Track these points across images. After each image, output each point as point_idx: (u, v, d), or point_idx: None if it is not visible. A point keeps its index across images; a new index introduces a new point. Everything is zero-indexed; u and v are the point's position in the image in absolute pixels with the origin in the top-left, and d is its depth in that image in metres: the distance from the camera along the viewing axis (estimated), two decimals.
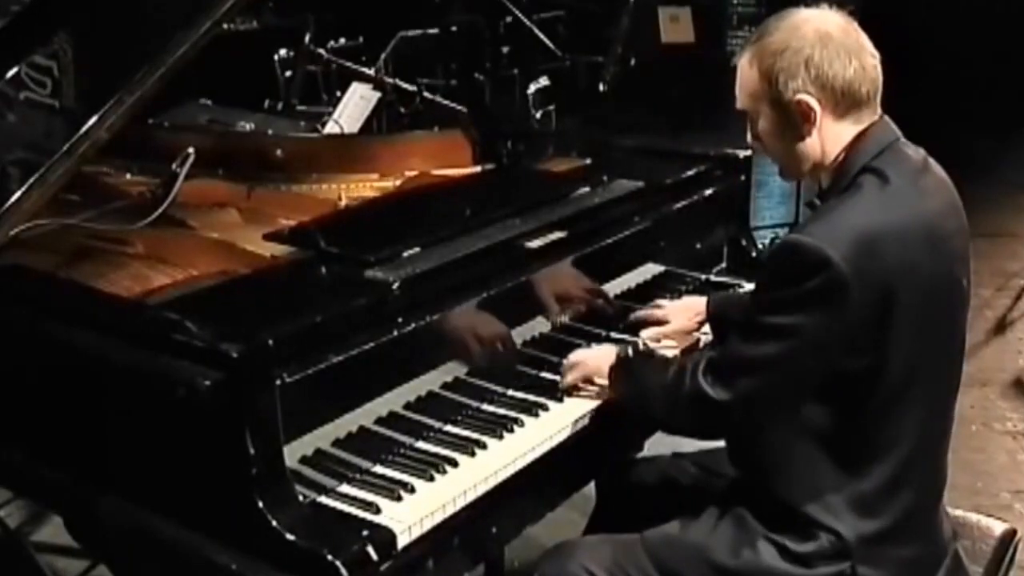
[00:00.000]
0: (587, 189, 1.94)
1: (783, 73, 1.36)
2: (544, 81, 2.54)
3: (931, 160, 1.45)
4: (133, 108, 1.56)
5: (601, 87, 3.23)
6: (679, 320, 1.82)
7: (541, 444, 1.52)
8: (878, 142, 1.39)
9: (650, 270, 2.01)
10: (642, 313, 1.85)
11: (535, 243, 1.71)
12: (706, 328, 1.83)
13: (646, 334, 1.80)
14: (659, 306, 1.86)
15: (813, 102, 1.37)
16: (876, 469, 1.38)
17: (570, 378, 1.62)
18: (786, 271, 1.33)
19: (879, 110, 1.42)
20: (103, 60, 1.70)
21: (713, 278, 2.15)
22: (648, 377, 1.50)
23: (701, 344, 1.82)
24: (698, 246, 2.12)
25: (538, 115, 2.50)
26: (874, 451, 1.38)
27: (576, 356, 1.65)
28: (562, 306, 1.78)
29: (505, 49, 3.36)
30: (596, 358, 1.62)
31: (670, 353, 1.70)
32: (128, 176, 2.07)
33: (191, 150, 1.82)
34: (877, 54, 1.39)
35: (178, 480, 1.35)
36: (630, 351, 1.60)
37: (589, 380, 1.62)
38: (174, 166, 1.81)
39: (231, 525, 1.30)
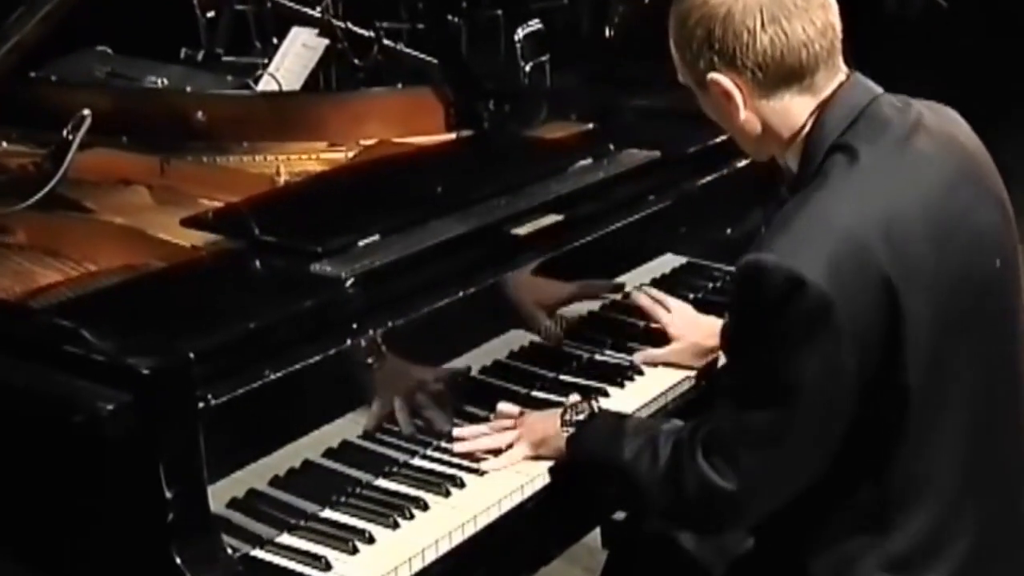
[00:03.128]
0: (589, 161, 1.94)
1: (688, 52, 1.38)
2: (536, 25, 2.54)
3: (931, 113, 1.41)
4: (9, 57, 1.55)
5: (607, 32, 3.23)
6: (684, 337, 1.75)
7: (533, 480, 1.53)
8: (847, 108, 1.36)
9: (668, 263, 2.01)
10: (644, 301, 1.79)
11: (523, 229, 1.71)
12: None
13: (641, 358, 1.77)
14: (667, 308, 1.81)
15: (726, 82, 1.36)
16: (910, 521, 1.37)
17: (518, 452, 1.54)
18: (753, 302, 1.30)
19: (842, 70, 1.38)
20: None
21: None
22: (623, 452, 1.43)
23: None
24: (728, 232, 2.12)
25: (528, 68, 2.51)
26: (901, 501, 1.36)
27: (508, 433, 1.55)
28: (558, 309, 1.79)
29: None
30: (540, 427, 1.53)
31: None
32: (5, 145, 2.06)
33: (87, 112, 1.82)
34: (831, 5, 1.35)
35: (73, 532, 1.35)
36: (586, 411, 1.53)
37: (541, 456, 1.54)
38: (65, 132, 1.81)
39: None
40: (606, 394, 1.72)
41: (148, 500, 1.28)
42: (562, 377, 1.76)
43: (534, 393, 1.71)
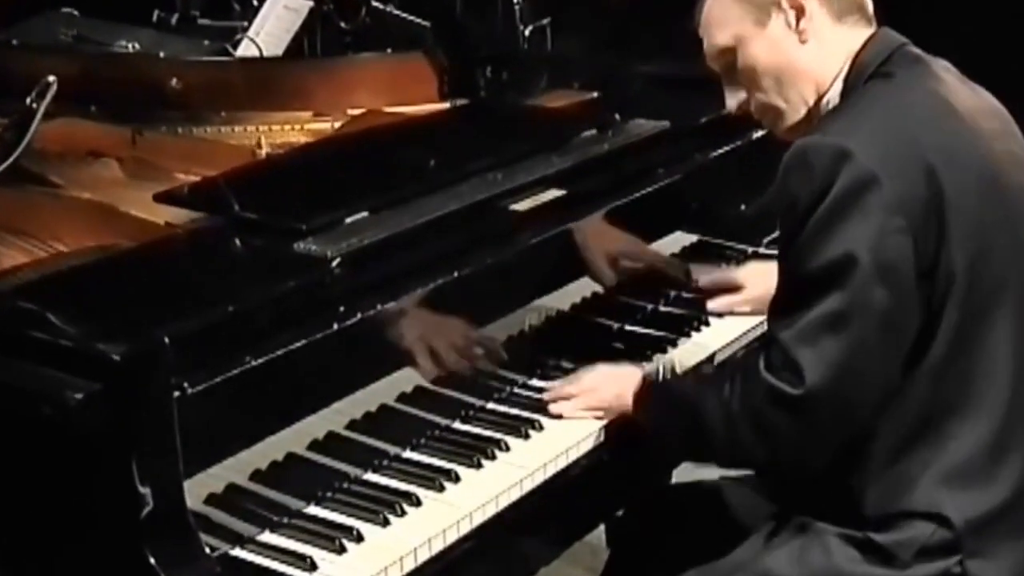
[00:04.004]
0: (594, 132, 1.95)
1: None
2: None
3: (960, 76, 1.55)
4: None
5: None
6: (757, 287, 1.84)
7: (532, 475, 1.53)
8: (884, 46, 1.51)
9: (679, 241, 2.02)
10: (707, 279, 1.91)
11: (523, 205, 1.71)
12: None
13: (715, 305, 1.87)
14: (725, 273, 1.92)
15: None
16: (965, 430, 1.43)
17: (575, 406, 1.63)
18: (800, 185, 1.40)
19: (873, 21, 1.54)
20: None
21: (763, 251, 2.16)
22: (693, 397, 1.52)
23: None
24: (743, 208, 2.13)
25: (527, 32, 2.50)
26: (955, 407, 1.43)
27: (587, 378, 1.65)
28: (562, 290, 1.79)
29: None
30: (616, 380, 1.63)
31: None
32: None
33: (52, 79, 1.81)
34: None
35: (41, 530, 1.35)
36: (661, 370, 1.64)
37: (602, 411, 1.62)
38: (28, 101, 1.80)
39: None
40: (674, 344, 1.81)
41: (120, 496, 1.28)
42: (563, 363, 1.76)
43: (533, 381, 1.72)
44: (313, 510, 1.46)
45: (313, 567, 1.36)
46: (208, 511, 1.37)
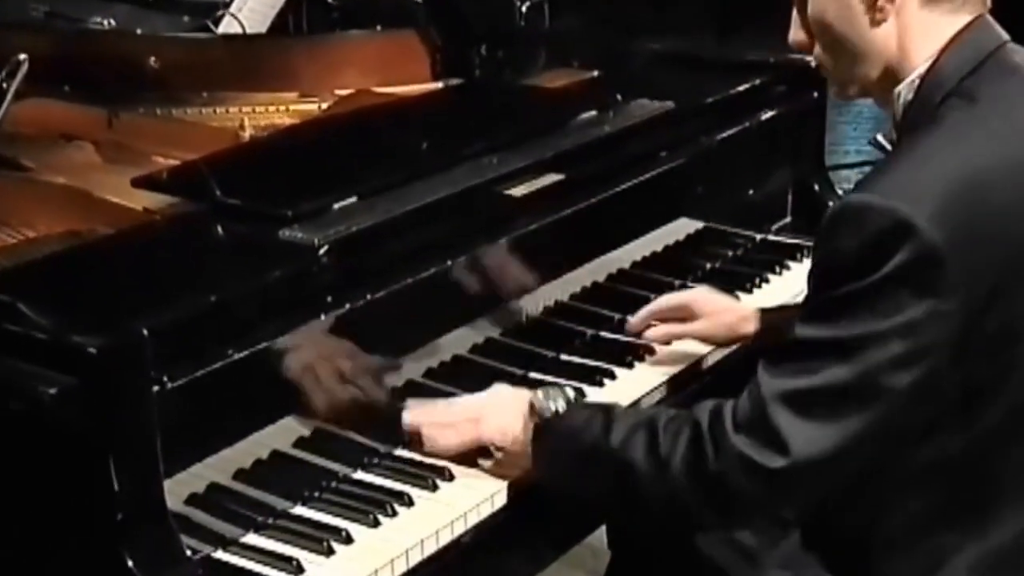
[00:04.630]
0: (594, 113, 1.94)
1: None
2: None
3: None
4: None
5: None
6: (713, 321, 1.72)
7: (530, 473, 1.52)
8: (973, 50, 1.37)
9: (683, 228, 2.01)
10: (637, 317, 1.75)
11: (520, 190, 1.71)
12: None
13: (653, 334, 1.72)
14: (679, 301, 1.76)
15: None
16: (1009, 515, 1.36)
17: (444, 443, 1.49)
18: (849, 248, 1.27)
19: (987, 4, 1.40)
20: None
21: (772, 238, 2.17)
22: (609, 437, 1.36)
23: (704, 367, 1.73)
24: (751, 193, 2.14)
25: (524, 8, 2.49)
26: (1002, 488, 1.35)
27: (442, 411, 1.50)
28: (561, 280, 1.79)
29: None
30: (494, 413, 1.48)
31: (682, 363, 1.64)
32: None
33: (22, 57, 1.80)
34: None
35: (13, 531, 1.35)
36: (558, 403, 1.45)
37: (481, 448, 1.49)
38: None
39: None
40: (612, 376, 1.72)
41: (96, 496, 1.28)
42: (563, 357, 1.77)
43: (531, 374, 1.72)
44: (300, 510, 1.46)
45: (300, 570, 1.36)
46: (189, 512, 1.37)
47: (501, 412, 1.50)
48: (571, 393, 1.50)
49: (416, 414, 1.53)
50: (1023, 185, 1.31)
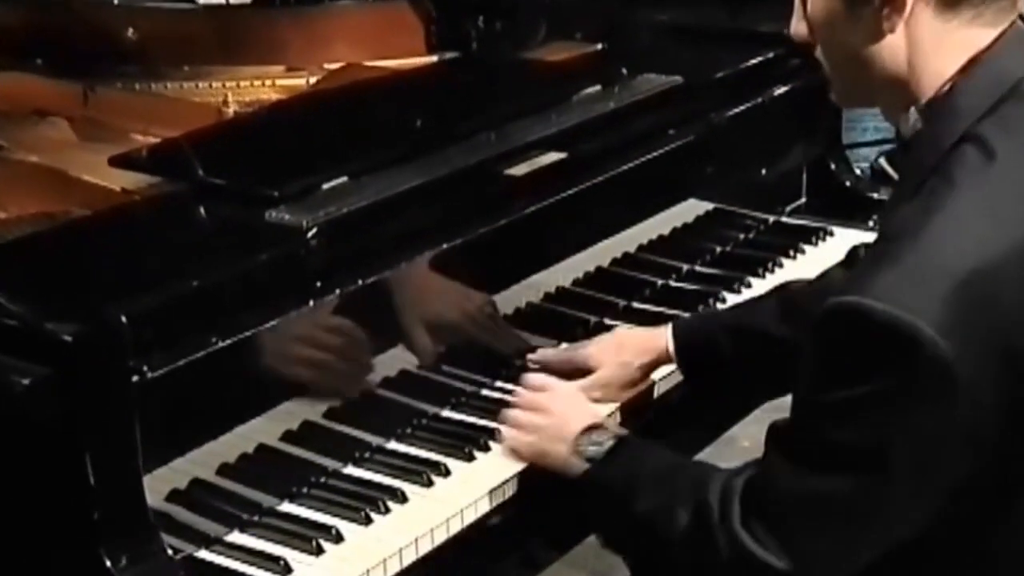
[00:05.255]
0: (598, 88, 1.94)
1: None
2: None
3: None
4: None
5: None
6: (610, 366, 1.66)
7: (528, 469, 1.53)
8: (997, 79, 1.25)
9: (692, 210, 2.01)
10: (554, 356, 1.71)
11: (519, 169, 1.71)
12: (665, 371, 1.70)
13: (583, 385, 1.65)
14: (573, 349, 1.72)
15: None
16: None
17: (515, 433, 1.52)
18: (848, 357, 1.21)
19: (1018, 10, 1.28)
20: None
21: (787, 220, 2.17)
22: (637, 501, 1.37)
23: (655, 395, 1.71)
24: (764, 172, 2.13)
25: None
26: None
27: (546, 396, 1.53)
28: (562, 264, 1.79)
29: None
30: (553, 438, 1.49)
31: (604, 411, 1.60)
32: None
33: None
34: None
35: None
36: (593, 442, 1.46)
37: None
38: None
39: None
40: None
41: (72, 493, 1.27)
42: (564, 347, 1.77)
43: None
44: (287, 507, 1.46)
45: (287, 570, 1.36)
46: (171, 509, 1.37)
47: (555, 438, 1.49)
48: (618, 431, 1.48)
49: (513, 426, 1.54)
50: None
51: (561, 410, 1.54)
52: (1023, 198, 1.23)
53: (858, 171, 2.30)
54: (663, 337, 1.70)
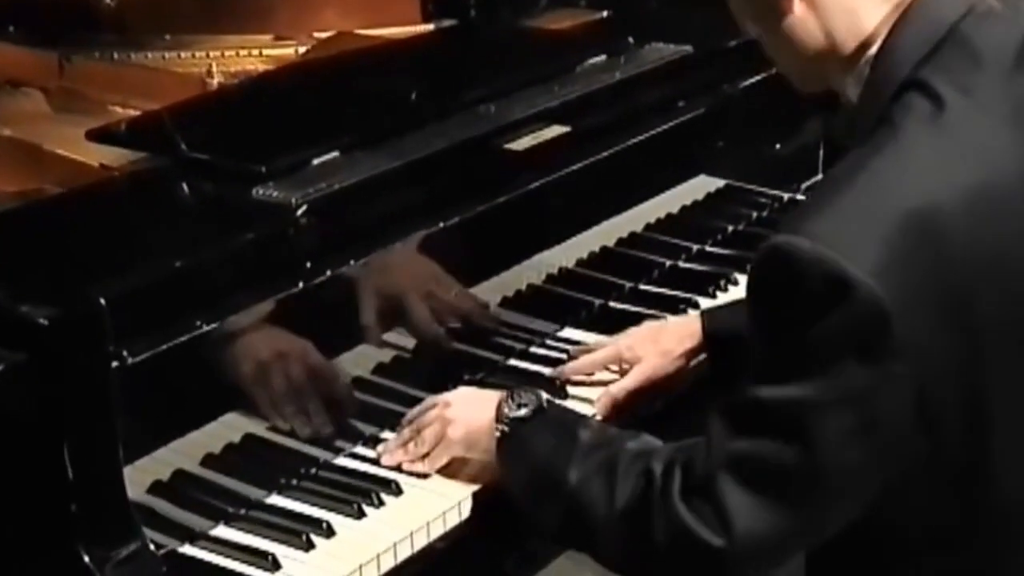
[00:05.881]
0: (603, 59, 1.94)
1: None
2: None
3: None
4: None
5: None
6: (651, 356, 1.64)
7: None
8: (930, 23, 1.26)
9: (702, 186, 2.01)
10: (590, 361, 1.68)
11: (521, 144, 1.71)
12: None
13: (624, 385, 1.63)
14: (588, 349, 1.70)
15: None
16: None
17: (440, 454, 1.48)
18: (779, 301, 1.20)
19: None
20: None
21: (802, 198, 2.16)
22: (568, 472, 1.34)
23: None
24: (778, 147, 2.13)
25: None
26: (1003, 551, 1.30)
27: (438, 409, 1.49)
28: (567, 244, 1.79)
29: None
30: (469, 414, 1.46)
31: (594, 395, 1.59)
32: None
33: None
34: None
35: None
36: (531, 404, 1.43)
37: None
38: None
39: None
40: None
41: (48, 485, 1.27)
42: (566, 331, 1.77)
43: (532, 349, 1.73)
44: (275, 500, 1.46)
45: (276, 566, 1.36)
46: (153, 502, 1.37)
47: (468, 418, 1.47)
48: (543, 398, 1.45)
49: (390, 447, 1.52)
50: (987, 221, 1.20)
51: (460, 408, 1.49)
52: (975, 148, 1.22)
53: None
54: (697, 322, 1.69)
